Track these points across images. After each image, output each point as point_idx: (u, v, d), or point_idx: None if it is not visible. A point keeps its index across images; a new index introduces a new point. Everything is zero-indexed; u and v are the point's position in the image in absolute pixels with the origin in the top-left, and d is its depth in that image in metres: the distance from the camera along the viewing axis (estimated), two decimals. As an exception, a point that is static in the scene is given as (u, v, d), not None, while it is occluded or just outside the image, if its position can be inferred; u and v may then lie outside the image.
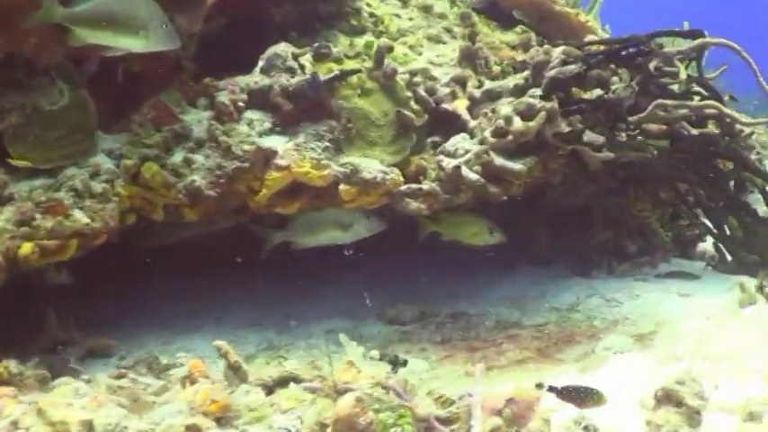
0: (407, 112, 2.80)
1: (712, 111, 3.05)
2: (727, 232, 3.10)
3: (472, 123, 2.85)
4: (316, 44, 2.83)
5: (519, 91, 2.85)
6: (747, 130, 3.29)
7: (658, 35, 3.24)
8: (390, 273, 3.36)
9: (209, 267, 3.11)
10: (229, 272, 3.14)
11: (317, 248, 3.01)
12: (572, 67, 2.78)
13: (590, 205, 3.15)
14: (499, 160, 2.75)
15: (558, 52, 2.86)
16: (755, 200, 3.52)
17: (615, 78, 3.18)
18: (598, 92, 2.97)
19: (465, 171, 2.69)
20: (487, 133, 2.78)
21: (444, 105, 2.90)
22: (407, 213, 2.79)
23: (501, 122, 2.76)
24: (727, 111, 3.03)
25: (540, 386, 2.09)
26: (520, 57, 3.14)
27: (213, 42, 3.01)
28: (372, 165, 2.74)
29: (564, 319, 2.93)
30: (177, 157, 2.71)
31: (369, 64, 2.85)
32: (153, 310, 3.08)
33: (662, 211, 3.22)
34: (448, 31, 3.18)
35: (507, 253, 3.31)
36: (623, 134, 2.97)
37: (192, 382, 1.97)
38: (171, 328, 2.97)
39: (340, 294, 3.21)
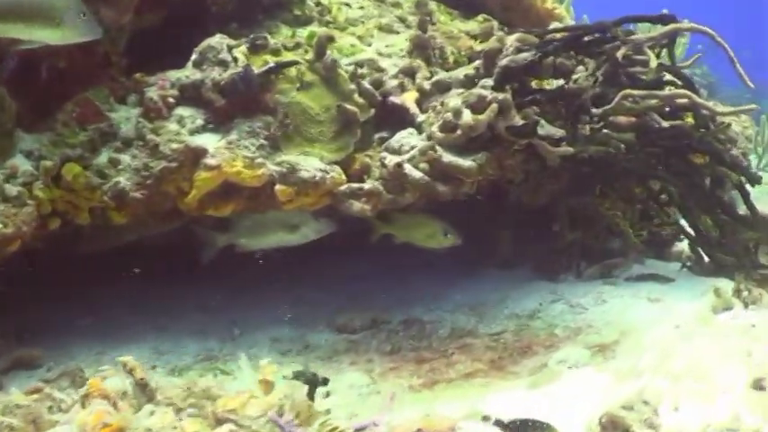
0: (350, 106, 2.51)
1: (684, 101, 2.72)
2: (703, 232, 2.76)
3: (421, 117, 2.55)
4: (252, 35, 2.55)
5: (470, 82, 2.55)
6: (726, 120, 2.97)
7: (627, 21, 2.92)
8: (345, 276, 3.07)
9: (153, 271, 2.85)
10: (174, 276, 2.87)
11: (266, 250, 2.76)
12: (525, 54, 2.47)
13: (554, 204, 2.83)
14: (447, 157, 2.45)
15: (512, 40, 2.55)
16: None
17: (581, 68, 2.88)
18: (559, 82, 2.65)
19: (408, 169, 2.39)
20: (435, 128, 2.48)
21: (392, 98, 2.60)
22: (351, 214, 2.50)
23: (449, 116, 2.46)
24: (699, 100, 2.70)
25: (486, 419, 1.81)
26: (479, 47, 2.83)
27: (152, 36, 2.75)
28: (311, 163, 2.46)
29: (523, 327, 2.62)
30: (103, 158, 2.45)
31: (311, 56, 2.56)
32: (92, 318, 2.82)
33: (631, 209, 2.88)
34: (402, 20, 2.87)
35: (471, 255, 3.01)
36: (587, 127, 2.65)
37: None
38: (109, 336, 2.71)
39: (289, 299, 2.93)
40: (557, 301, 2.76)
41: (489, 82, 2.50)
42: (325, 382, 1.94)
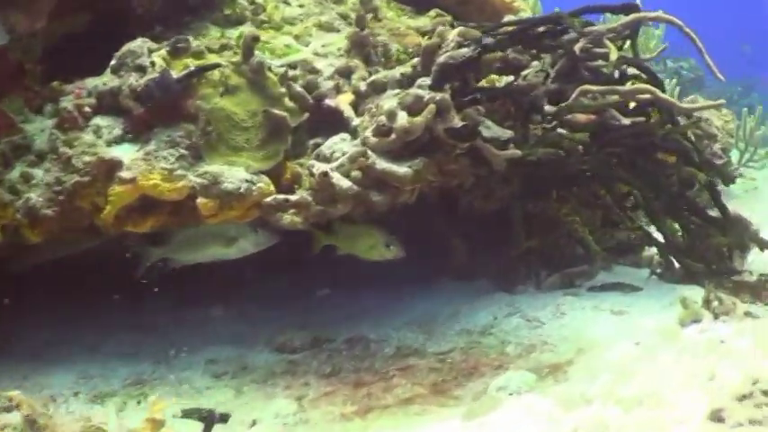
0: (278, 111, 2.24)
1: (646, 96, 2.41)
2: (670, 237, 2.44)
3: (356, 121, 2.27)
4: (173, 38, 2.28)
5: (408, 81, 2.26)
6: (700, 115, 2.65)
7: (586, 11, 2.61)
8: (293, 290, 2.80)
9: (86, 288, 2.60)
10: (110, 292, 2.62)
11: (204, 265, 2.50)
12: (464, 50, 2.18)
13: (508, 210, 2.53)
14: (381, 163, 2.16)
15: (453, 35, 2.25)
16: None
17: (536, 63, 2.57)
18: (509, 79, 2.36)
19: (336, 178, 2.11)
20: (369, 132, 2.20)
21: (327, 101, 2.33)
22: (282, 227, 2.23)
23: (383, 119, 2.18)
24: (662, 96, 2.39)
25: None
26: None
27: (78, 41, 2.50)
28: (236, 174, 2.19)
29: (473, 344, 2.33)
30: (16, 173, 2.20)
31: (239, 58, 2.29)
32: (20, 339, 2.57)
33: (593, 214, 2.57)
34: (344, 17, 2.59)
35: (426, 266, 2.72)
36: (543, 127, 2.35)
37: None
38: (38, 359, 2.47)
39: (229, 317, 2.67)
40: (513, 314, 2.47)
41: (427, 81, 2.22)
42: (224, 418, 1.68)
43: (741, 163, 4.72)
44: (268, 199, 2.18)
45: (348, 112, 2.29)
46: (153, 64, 2.22)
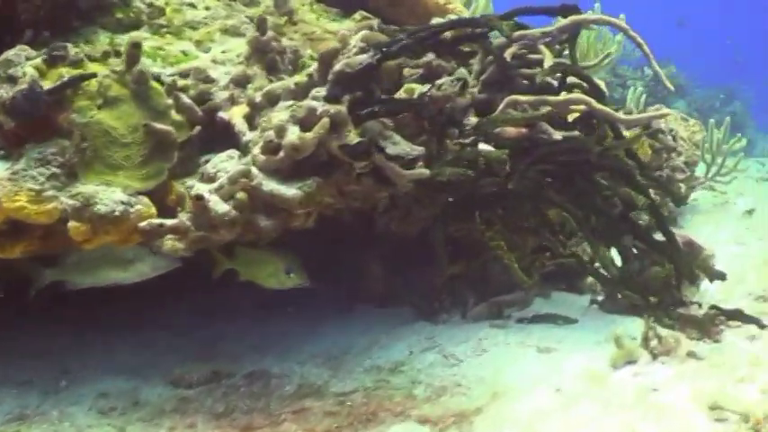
0: (161, 126, 1.91)
1: (580, 107, 2.03)
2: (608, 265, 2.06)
3: (248, 136, 1.94)
4: (51, 45, 1.97)
5: (302, 92, 1.92)
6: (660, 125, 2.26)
7: (519, 13, 2.24)
8: (202, 316, 2.48)
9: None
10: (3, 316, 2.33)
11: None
12: (362, 57, 1.82)
13: (429, 234, 2.18)
14: (268, 184, 1.83)
15: (355, 39, 1.90)
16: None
17: (463, 71, 2.21)
18: (423, 89, 2.00)
19: (213, 202, 1.78)
20: (257, 149, 1.86)
21: (221, 114, 2.00)
22: (165, 253, 1.90)
23: (271, 135, 1.84)
24: (598, 107, 2.02)
25: None
26: (346, 50, 2.18)
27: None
28: (112, 195, 1.86)
29: (381, 383, 1.99)
30: None
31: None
32: None
33: (523, 238, 2.20)
34: (253, 21, 2.25)
35: (346, 292, 2.39)
36: (460, 143, 1.99)
37: None
38: None
39: (132, 343, 2.35)
40: (430, 349, 2.12)
41: (323, 91, 1.87)
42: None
43: (708, 176, 4.28)
44: (143, 223, 1.85)
45: (240, 125, 1.96)
46: (25, 74, 1.91)
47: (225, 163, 1.91)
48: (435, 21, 2.26)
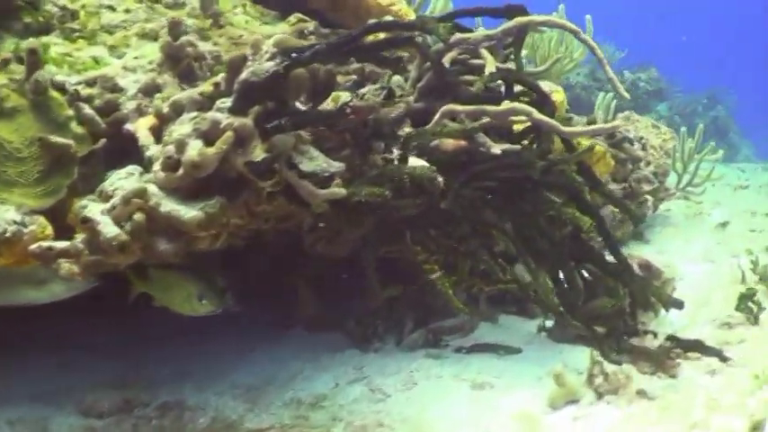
0: (58, 139, 1.67)
1: (521, 117, 1.77)
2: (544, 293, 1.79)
3: (151, 150, 1.69)
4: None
5: (210, 102, 1.67)
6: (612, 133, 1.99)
7: (459, 14, 1.98)
8: (130, 336, 2.24)
9: None
10: None
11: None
12: (269, 64, 1.57)
13: (360, 256, 1.93)
14: (167, 205, 1.58)
15: (268, 44, 1.65)
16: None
17: (398, 78, 1.95)
18: (345, 98, 1.74)
19: (103, 224, 1.54)
20: (158, 165, 1.62)
21: (128, 126, 1.76)
22: (62, 276, 1.67)
23: (171, 150, 1.59)
24: (541, 117, 1.75)
25: None
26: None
27: None
28: (4, 214, 1.62)
29: (299, 420, 1.74)
30: None
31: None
32: None
33: (461, 261, 1.94)
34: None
35: (279, 315, 2.14)
36: (384, 158, 1.74)
37: None
38: None
39: (52, 365, 2.11)
40: (358, 380, 1.87)
41: (228, 102, 1.62)
42: None
43: (679, 187, 3.89)
44: (33, 246, 1.62)
45: (144, 139, 1.71)
46: None
47: (123, 180, 1.66)
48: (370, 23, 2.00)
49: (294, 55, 1.58)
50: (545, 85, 2.57)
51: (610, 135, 3.05)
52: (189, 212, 1.61)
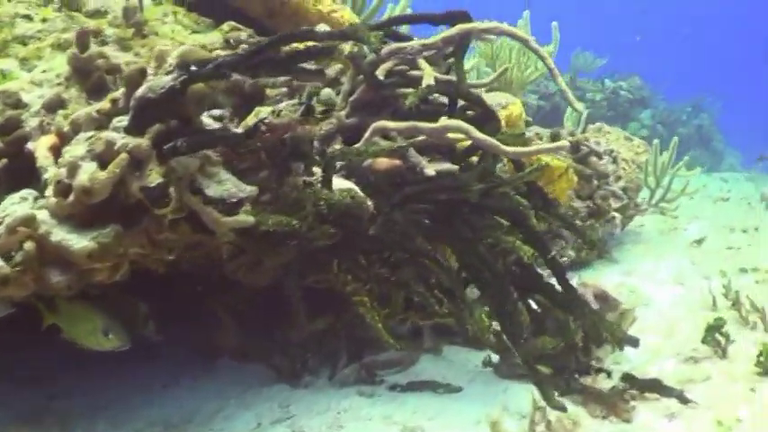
0: (-56, 159, 1.48)
1: (457, 134, 1.56)
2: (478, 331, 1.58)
3: (49, 172, 1.49)
4: None
5: (108, 120, 1.47)
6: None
7: (397, 22, 1.78)
8: (54, 367, 2.04)
9: None
10: None
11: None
12: (166, 79, 1.37)
13: (283, 285, 1.72)
14: (58, 234, 1.39)
15: (172, 57, 1.45)
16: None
17: (328, 92, 1.74)
18: (265, 113, 1.54)
19: (-21, 256, 1.35)
20: (50, 190, 1.42)
21: (29, 145, 1.56)
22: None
23: (63, 173, 1.40)
24: (479, 135, 1.54)
25: None
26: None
27: None
28: None
29: (211, 466, 1.54)
30: None
31: None
32: None
33: (395, 292, 1.74)
34: (96, 34, 1.81)
35: (206, 344, 1.94)
36: (304, 181, 1.53)
37: None
38: None
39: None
40: (281, 421, 1.65)
41: (125, 121, 1.43)
42: None
43: (652, 202, 3.61)
44: None
45: (42, 159, 1.51)
46: None
47: (16, 206, 1.47)
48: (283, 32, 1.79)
49: (193, 68, 1.39)
50: (500, 98, 2.38)
51: (574, 149, 2.83)
52: (80, 242, 1.41)
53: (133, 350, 1.88)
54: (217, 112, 1.73)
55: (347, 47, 1.83)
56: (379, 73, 1.72)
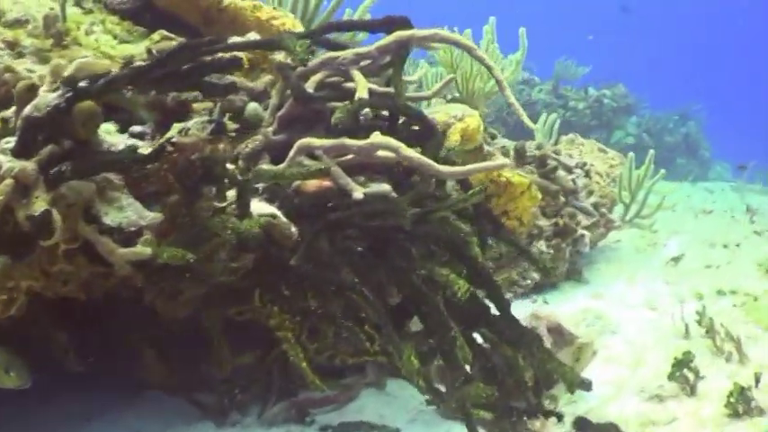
0: None
1: (387, 153, 1.38)
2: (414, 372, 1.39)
3: (-64, 197, 1.32)
4: None
5: (-4, 141, 1.30)
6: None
7: (332, 29, 1.60)
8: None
9: None
10: None
11: None
12: (52, 96, 1.20)
13: (202, 317, 1.55)
14: (-69, 266, 1.22)
15: (70, 70, 1.27)
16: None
17: (254, 106, 1.56)
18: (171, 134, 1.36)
19: None
20: (-74, 218, 1.26)
21: None
22: None
23: (-63, 199, 1.23)
24: (410, 153, 1.36)
25: None
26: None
27: None
28: None
29: None
30: None
31: None
32: None
33: (325, 326, 1.56)
34: (12, 45, 1.64)
35: (129, 377, 1.76)
36: (215, 207, 1.35)
37: None
38: None
39: None
40: (200, 465, 1.49)
41: (12, 142, 1.25)
42: None
43: (626, 218, 3.38)
44: None
45: (-69, 182, 1.35)
46: None
47: None
48: (232, 40, 1.62)
49: (82, 84, 1.22)
50: (457, 110, 2.19)
51: (541, 164, 2.63)
52: (-46, 277, 1.25)
53: (61, 380, 1.72)
54: (138, 128, 1.58)
55: (280, 56, 1.67)
56: (309, 85, 1.55)
